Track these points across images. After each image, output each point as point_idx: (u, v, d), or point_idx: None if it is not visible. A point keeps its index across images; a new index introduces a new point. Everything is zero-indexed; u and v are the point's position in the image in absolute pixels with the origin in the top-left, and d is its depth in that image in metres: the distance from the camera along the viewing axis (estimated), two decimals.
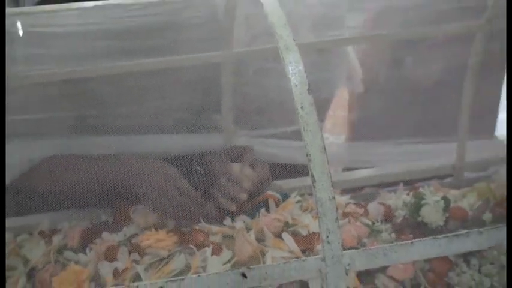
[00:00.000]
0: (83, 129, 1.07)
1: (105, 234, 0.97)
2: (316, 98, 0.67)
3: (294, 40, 0.70)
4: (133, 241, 0.94)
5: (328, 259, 0.64)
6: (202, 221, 0.99)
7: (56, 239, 0.98)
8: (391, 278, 0.88)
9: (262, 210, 1.01)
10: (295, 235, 0.94)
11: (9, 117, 0.81)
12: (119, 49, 1.02)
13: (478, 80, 1.21)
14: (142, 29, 0.97)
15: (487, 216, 1.00)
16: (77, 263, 0.93)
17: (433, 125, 1.39)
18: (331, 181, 0.65)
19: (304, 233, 0.95)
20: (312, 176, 0.64)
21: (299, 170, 0.89)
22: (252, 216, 1.00)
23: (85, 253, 0.94)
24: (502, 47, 1.43)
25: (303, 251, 0.91)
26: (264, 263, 0.88)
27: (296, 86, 0.67)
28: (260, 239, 0.93)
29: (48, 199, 1.03)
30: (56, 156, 1.04)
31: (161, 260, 0.92)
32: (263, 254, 0.90)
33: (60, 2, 0.95)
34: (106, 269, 0.90)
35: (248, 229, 0.96)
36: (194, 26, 1.05)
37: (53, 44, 1.00)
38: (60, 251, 0.96)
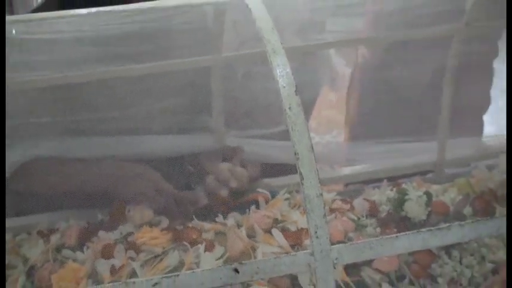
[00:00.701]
0: (77, 132, 1.07)
1: (101, 233, 0.97)
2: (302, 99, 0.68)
3: (281, 44, 0.70)
4: (129, 239, 0.94)
5: (317, 253, 0.65)
6: (195, 218, 0.99)
7: (54, 238, 0.97)
8: (377, 270, 0.88)
9: (253, 207, 1.01)
10: (284, 231, 0.94)
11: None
12: (112, 54, 1.02)
13: (457, 82, 1.22)
14: (134, 35, 0.97)
15: (467, 210, 1.01)
16: (74, 260, 0.92)
17: (416, 124, 1.40)
18: (319, 178, 0.65)
19: (293, 228, 0.96)
20: (300, 173, 0.65)
21: (288, 169, 0.89)
22: (243, 213, 1.01)
23: (82, 251, 0.94)
24: (480, 49, 1.45)
25: (292, 246, 0.91)
26: (255, 258, 0.88)
27: (284, 87, 0.67)
28: (251, 235, 0.94)
29: (39, 200, 1.03)
30: (43, 158, 1.04)
31: (156, 256, 0.92)
32: (254, 249, 0.90)
33: (53, 10, 0.94)
34: (103, 266, 0.89)
35: (239, 226, 0.97)
36: (185, 31, 1.05)
37: (48, 50, 0.99)
38: (58, 249, 0.95)
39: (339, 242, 0.80)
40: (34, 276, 0.91)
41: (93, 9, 0.88)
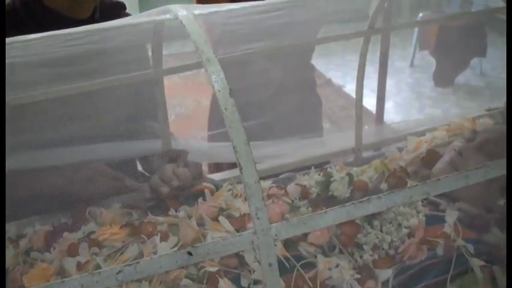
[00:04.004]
0: (39, 146, 1.04)
1: (66, 234, 0.95)
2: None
3: (214, 54, 0.71)
4: (91, 237, 0.93)
5: (259, 232, 0.65)
6: (149, 214, 0.98)
7: (23, 243, 0.95)
8: (311, 244, 0.90)
9: (200, 199, 1.01)
10: (229, 217, 0.94)
11: None
12: (62, 74, 1.00)
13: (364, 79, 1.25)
14: (84, 55, 0.95)
15: (383, 185, 1.03)
16: (43, 261, 0.90)
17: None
18: (256, 168, 0.66)
19: (237, 214, 0.96)
20: (239, 164, 0.65)
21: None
22: (192, 205, 1.00)
23: (50, 252, 0.92)
24: (383, 48, 1.49)
25: (237, 230, 0.91)
26: None
27: (219, 91, 0.68)
28: (200, 224, 0.94)
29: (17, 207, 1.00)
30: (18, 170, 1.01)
31: (117, 250, 0.91)
32: (204, 236, 0.90)
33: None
34: (70, 264, 0.88)
35: (189, 217, 0.96)
36: (128, 49, 1.04)
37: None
38: (27, 252, 0.93)
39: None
40: (7, 278, 0.89)
41: (42, 34, 0.85)
